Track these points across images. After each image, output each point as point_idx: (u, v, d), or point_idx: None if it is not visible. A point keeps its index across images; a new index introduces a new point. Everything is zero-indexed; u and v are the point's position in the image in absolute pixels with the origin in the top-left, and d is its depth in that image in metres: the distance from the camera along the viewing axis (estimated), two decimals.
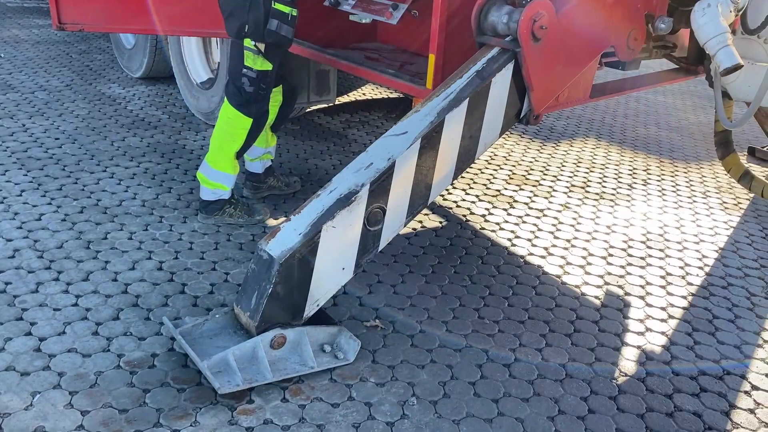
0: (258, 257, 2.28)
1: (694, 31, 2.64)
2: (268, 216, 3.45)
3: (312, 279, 2.28)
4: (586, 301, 3.01)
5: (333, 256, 2.31)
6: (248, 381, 2.18)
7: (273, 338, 2.23)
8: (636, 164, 4.93)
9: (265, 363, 2.21)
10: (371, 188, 2.32)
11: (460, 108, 2.50)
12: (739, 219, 4.10)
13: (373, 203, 2.34)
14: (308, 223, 2.25)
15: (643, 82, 3.58)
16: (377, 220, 2.38)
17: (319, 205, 2.31)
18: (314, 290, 2.30)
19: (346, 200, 2.28)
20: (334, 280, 2.38)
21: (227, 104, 3.09)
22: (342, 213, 2.26)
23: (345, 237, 2.32)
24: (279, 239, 2.25)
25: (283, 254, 2.19)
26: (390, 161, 2.36)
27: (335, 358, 2.37)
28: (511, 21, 2.56)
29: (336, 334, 2.41)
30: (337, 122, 5.24)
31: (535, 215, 3.86)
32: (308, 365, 2.29)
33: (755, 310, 3.08)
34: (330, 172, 4.22)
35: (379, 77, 3.26)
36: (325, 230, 2.23)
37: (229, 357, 2.18)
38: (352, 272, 2.41)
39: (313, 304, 2.33)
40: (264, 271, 2.22)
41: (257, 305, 2.22)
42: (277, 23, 2.86)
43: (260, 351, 2.22)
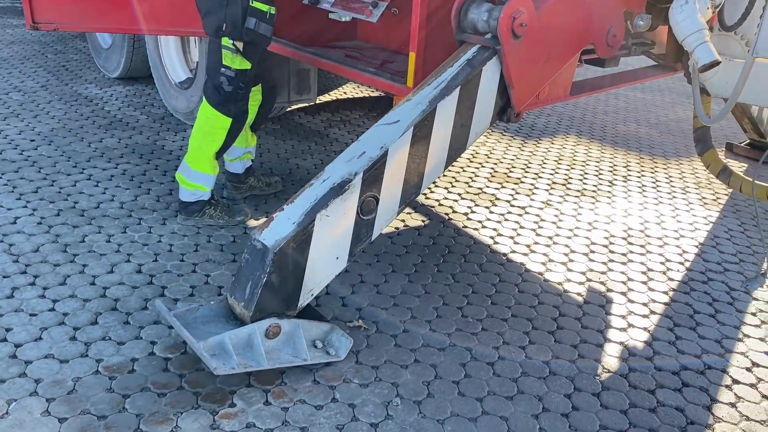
0: (251, 247, 2.26)
1: (672, 27, 2.65)
2: (249, 217, 3.42)
3: (306, 268, 2.27)
4: (568, 298, 3.02)
5: (327, 245, 2.30)
6: (243, 365, 2.15)
7: (269, 327, 2.22)
8: (616, 161, 4.96)
9: (261, 350, 2.19)
10: (364, 177, 2.32)
11: (451, 96, 2.49)
12: (718, 214, 4.14)
13: (366, 192, 2.34)
14: (302, 212, 2.24)
15: (623, 80, 3.60)
16: (370, 209, 2.38)
17: (312, 194, 2.30)
18: (308, 280, 2.30)
19: (340, 189, 2.27)
20: (328, 269, 2.38)
21: (206, 104, 3.05)
22: (335, 202, 2.26)
23: (339, 226, 2.32)
24: (272, 229, 2.24)
25: (277, 243, 2.18)
26: (382, 150, 2.36)
27: (327, 354, 2.35)
28: (491, 18, 2.56)
29: (328, 332, 2.40)
30: (318, 121, 5.21)
31: (517, 213, 3.87)
32: (301, 357, 2.27)
33: (735, 304, 3.10)
34: (311, 171, 4.20)
35: (359, 76, 3.23)
36: (318, 219, 2.23)
37: (226, 340, 2.16)
38: (346, 261, 2.41)
39: (308, 294, 2.32)
40: (258, 261, 2.20)
41: (251, 295, 2.20)
42: (256, 21, 2.82)
43: (256, 338, 2.20)
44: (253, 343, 2.21)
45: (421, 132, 2.46)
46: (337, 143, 4.76)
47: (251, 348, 2.20)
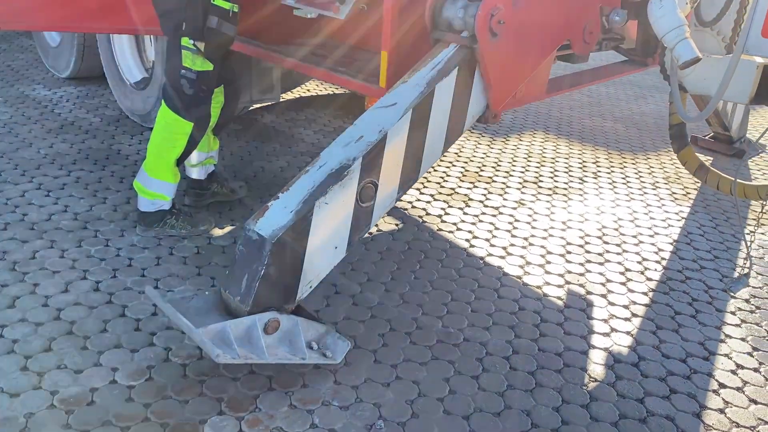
0: (246, 238, 2.13)
1: (651, 23, 2.58)
2: (213, 225, 3.24)
3: (305, 259, 2.16)
4: (549, 303, 2.93)
5: (326, 234, 2.19)
6: (245, 357, 2.02)
7: (268, 321, 2.09)
8: (585, 157, 4.92)
9: (261, 343, 2.07)
10: (363, 162, 2.21)
11: (449, 77, 2.40)
12: (689, 210, 4.13)
13: (365, 178, 2.24)
14: (299, 200, 2.13)
15: (598, 76, 3.54)
16: (369, 195, 2.28)
17: (309, 181, 2.18)
18: (307, 271, 2.19)
19: (338, 175, 2.16)
20: (327, 259, 2.26)
21: (165, 108, 2.86)
22: (334, 188, 2.15)
23: (337, 214, 2.21)
24: (268, 218, 2.12)
25: (274, 233, 2.06)
26: (381, 134, 2.26)
27: (323, 356, 2.23)
28: (468, 15, 2.44)
29: (323, 334, 2.28)
30: (282, 121, 5.04)
31: (491, 213, 3.77)
32: (299, 356, 2.15)
33: (714, 303, 3.07)
34: (278, 174, 4.03)
35: (328, 75, 3.08)
36: (317, 207, 2.12)
37: (228, 329, 2.03)
38: (345, 251, 2.30)
39: (306, 286, 2.21)
40: (254, 253, 2.08)
41: (248, 288, 2.08)
42: (218, 20, 2.65)
43: (256, 331, 2.08)
44: (252, 335, 2.08)
45: (420, 114, 2.36)
46: (303, 143, 4.60)
47: (250, 341, 2.08)
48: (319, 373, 2.32)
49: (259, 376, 2.27)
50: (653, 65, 3.86)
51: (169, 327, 2.49)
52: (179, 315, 2.04)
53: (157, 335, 2.43)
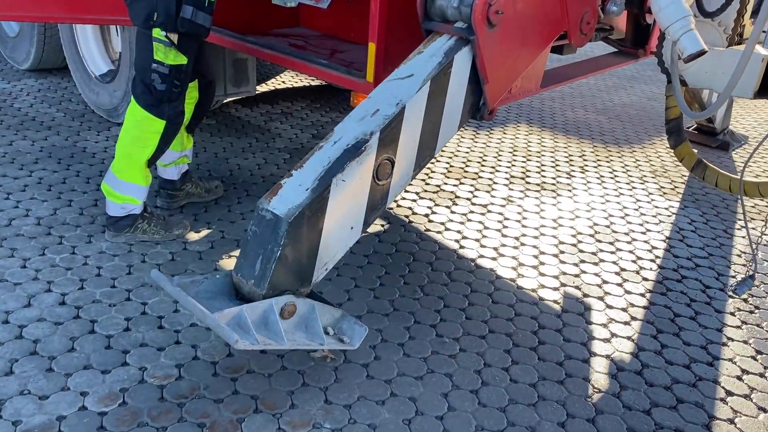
0: (259, 218, 2.00)
1: (654, 13, 2.44)
2: (188, 229, 3.04)
3: (321, 240, 2.05)
4: (545, 307, 2.80)
5: (342, 213, 2.08)
6: (264, 342, 1.89)
7: (284, 305, 1.98)
8: (571, 150, 4.81)
9: (279, 328, 1.94)
10: (381, 137, 2.09)
11: (467, 48, 2.26)
12: (678, 204, 4.04)
13: (383, 154, 2.12)
14: (315, 177, 2.01)
15: (592, 68, 3.41)
16: (386, 172, 2.17)
17: (324, 157, 2.06)
18: (323, 252, 2.08)
19: (355, 151, 2.05)
20: (343, 240, 2.15)
21: (135, 105, 2.65)
22: (351, 165, 2.04)
23: (354, 192, 2.09)
24: (283, 197, 1.99)
25: (290, 212, 1.94)
26: (399, 107, 2.13)
27: (340, 341, 2.10)
28: (463, 5, 2.27)
29: (339, 319, 2.14)
30: (257, 114, 4.82)
31: (479, 212, 3.63)
32: (317, 341, 2.03)
33: (713, 304, 2.97)
34: (254, 172, 3.83)
35: (310, 68, 2.89)
36: (334, 184, 2.00)
37: (244, 314, 1.90)
38: (360, 231, 2.19)
39: (322, 268, 2.10)
40: (269, 233, 1.96)
41: (263, 271, 1.96)
42: (192, 10, 2.45)
43: (272, 315, 1.96)
44: (268, 320, 1.96)
45: (438, 86, 2.23)
46: (280, 139, 4.40)
47: (266, 326, 1.96)
48: (307, 390, 2.16)
49: (245, 397, 2.10)
50: (644, 57, 3.76)
51: (144, 344, 2.30)
52: (191, 300, 1.91)
53: (131, 353, 2.24)
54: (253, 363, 2.26)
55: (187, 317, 2.46)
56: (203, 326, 2.39)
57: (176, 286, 1.98)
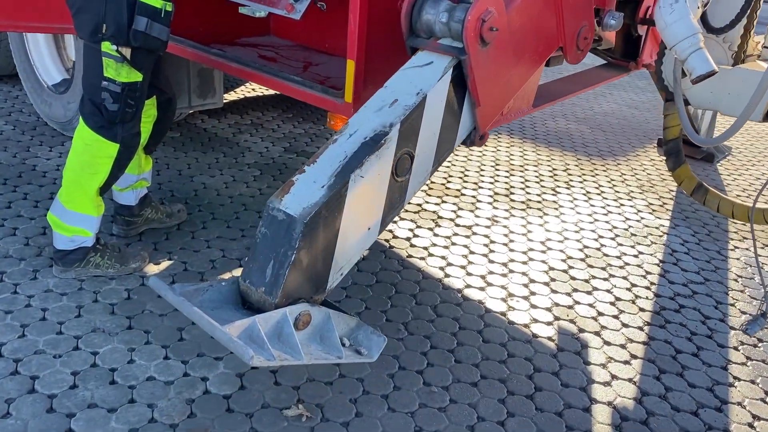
0: (270, 219, 1.81)
1: (659, 30, 2.24)
2: (147, 261, 2.75)
3: (337, 242, 1.87)
4: (540, 346, 2.59)
5: (359, 213, 1.90)
6: (280, 358, 1.69)
7: (299, 315, 1.78)
8: (554, 164, 4.62)
9: (294, 341, 1.74)
10: (401, 129, 1.92)
11: None
12: (669, 222, 3.87)
13: (402, 147, 1.95)
14: (331, 173, 1.82)
15: (584, 84, 3.20)
16: (405, 168, 1.99)
17: (339, 151, 1.88)
18: (339, 256, 1.89)
19: (374, 144, 1.87)
20: (360, 242, 1.97)
21: (84, 127, 2.36)
22: (371, 160, 1.86)
23: (372, 189, 1.92)
24: (296, 195, 1.81)
25: (305, 212, 1.75)
26: (419, 96, 1.96)
27: (358, 353, 1.90)
28: (453, 20, 2.03)
29: (354, 328, 1.94)
30: (224, 126, 4.53)
31: (463, 234, 3.40)
32: (334, 354, 1.83)
33: (714, 337, 2.79)
34: (221, 191, 3.54)
35: (282, 85, 2.62)
36: (352, 181, 1.82)
37: (257, 325, 1.70)
38: (378, 232, 2.02)
39: (337, 273, 1.92)
40: (282, 235, 1.78)
41: (275, 277, 1.76)
42: (147, 22, 2.17)
43: (287, 326, 1.76)
44: (282, 332, 1.77)
45: (461, 74, 2.05)
46: (249, 153, 4.12)
47: (280, 338, 1.77)
48: None
49: None
50: (635, 69, 3.57)
51: (92, 404, 2.01)
52: (197, 311, 1.70)
53: (77, 417, 1.96)
54: (217, 424, 2.00)
55: (142, 369, 2.18)
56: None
57: (180, 296, 1.76)
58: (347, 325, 1.92)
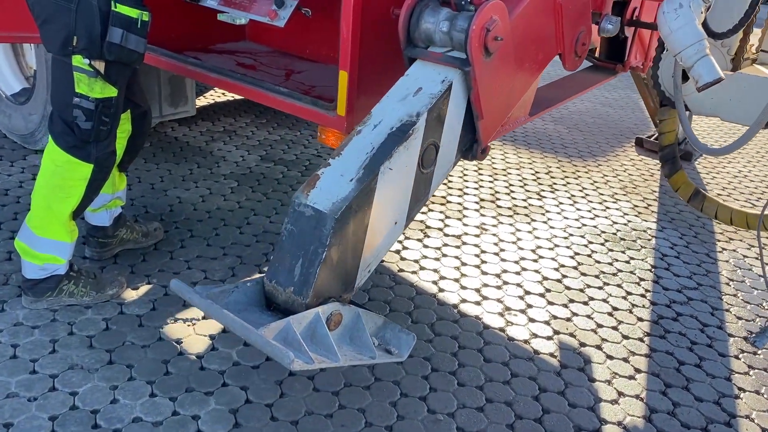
0: (297, 215, 1.74)
1: (663, 36, 2.16)
2: (124, 286, 2.57)
3: (366, 237, 1.81)
4: (542, 363, 2.50)
5: (387, 207, 1.84)
6: (318, 360, 1.62)
7: (331, 314, 1.72)
8: (536, 166, 4.55)
9: (330, 341, 1.67)
10: (428, 119, 1.85)
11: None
12: (655, 225, 3.84)
13: (429, 138, 1.89)
14: (359, 166, 1.77)
15: (577, 89, 3.12)
16: (431, 159, 1.94)
17: (365, 143, 1.82)
18: (367, 252, 1.83)
19: (402, 135, 1.81)
20: (387, 237, 1.91)
21: (54, 147, 2.18)
22: (399, 151, 1.80)
23: (400, 182, 1.86)
24: (323, 189, 1.75)
25: (336, 207, 1.70)
26: (445, 84, 1.90)
27: (388, 353, 1.83)
28: (455, 30, 1.92)
29: (381, 327, 1.87)
30: (197, 134, 4.34)
31: (453, 244, 3.30)
32: (367, 355, 1.76)
33: (714, 345, 2.74)
34: (198, 205, 3.37)
35: (267, 97, 2.47)
36: (381, 173, 1.77)
37: (292, 327, 1.63)
38: (404, 226, 1.97)
39: (365, 270, 1.87)
40: (310, 232, 1.72)
41: (305, 276, 1.69)
42: (122, 33, 1.99)
43: (320, 327, 1.69)
44: (316, 333, 1.70)
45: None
46: (224, 163, 3.94)
47: (313, 339, 1.70)
48: None
49: None
50: (622, 71, 3.51)
51: None
52: (228, 314, 1.62)
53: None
54: None
55: (127, 409, 2.02)
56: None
57: (206, 299, 1.69)
58: (375, 324, 1.85)
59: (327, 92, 2.58)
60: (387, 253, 1.95)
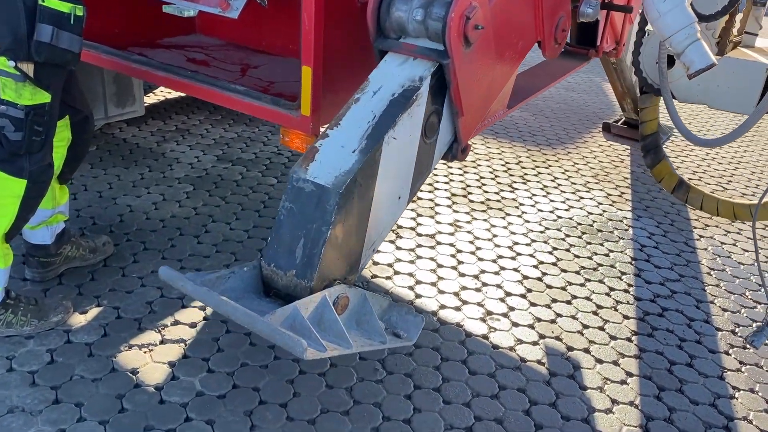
0: (296, 191, 1.61)
1: (650, 21, 2.01)
2: (71, 312, 2.32)
3: (371, 213, 1.69)
4: (530, 372, 2.35)
5: (391, 179, 1.72)
6: (330, 348, 1.49)
7: (338, 298, 1.62)
8: (506, 156, 4.41)
9: (340, 327, 1.54)
10: (432, 83, 1.73)
11: None
12: (631, 214, 3.74)
13: (432, 105, 1.77)
14: (361, 135, 1.65)
15: (552, 77, 2.96)
16: (434, 128, 1.82)
17: (365, 111, 1.69)
18: (372, 229, 1.72)
19: (405, 101, 1.68)
20: (391, 213, 1.79)
21: None
22: (403, 119, 1.68)
23: (404, 152, 1.74)
24: (324, 163, 1.62)
25: (339, 181, 1.57)
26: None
27: (396, 336, 1.73)
28: (431, 18, 1.73)
29: (387, 309, 1.76)
30: (146, 135, 4.06)
31: (427, 244, 3.13)
32: (377, 339, 1.65)
33: (703, 341, 2.64)
34: (151, 214, 3.12)
35: (222, 97, 2.24)
36: (386, 143, 1.65)
37: (300, 312, 1.50)
38: (407, 201, 1.85)
39: (370, 250, 1.76)
40: (312, 209, 1.60)
41: (309, 257, 1.57)
42: (52, 30, 1.75)
43: (328, 311, 1.56)
44: (323, 318, 1.58)
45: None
46: (178, 165, 3.68)
47: (320, 325, 1.57)
48: None
49: None
50: (595, 56, 3.37)
51: None
52: (230, 302, 1.48)
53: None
54: None
55: None
56: None
57: (201, 286, 1.53)
58: (380, 306, 1.74)
59: (288, 89, 2.37)
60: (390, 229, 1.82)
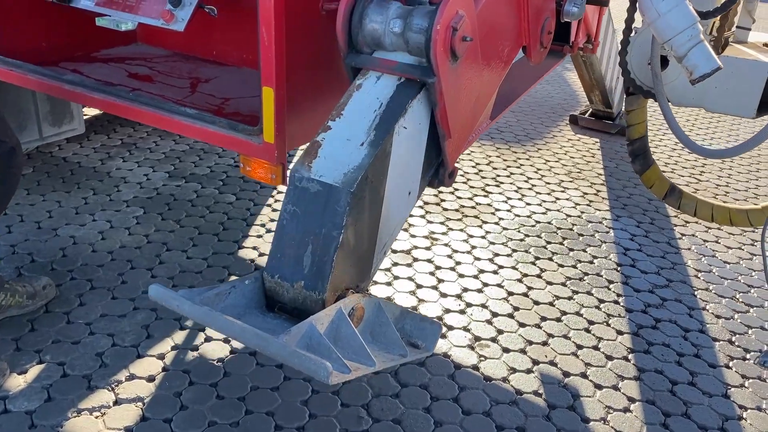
0: (300, 192, 1.45)
1: (649, 22, 1.82)
2: (8, 373, 2.03)
3: (382, 212, 1.54)
4: (528, 407, 2.16)
5: (399, 173, 1.55)
6: (354, 368, 1.33)
7: (352, 309, 1.47)
8: (475, 157, 4.22)
9: (359, 342, 1.39)
10: None
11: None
12: (610, 214, 3.59)
13: None
14: (368, 126, 1.48)
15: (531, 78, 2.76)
16: None
17: (370, 98, 1.51)
18: (383, 230, 1.57)
19: (412, 85, 1.51)
20: (402, 211, 1.64)
21: None
22: (413, 106, 1.51)
23: (414, 143, 1.58)
24: (329, 158, 1.44)
25: (349, 179, 1.41)
26: None
27: (414, 347, 1.58)
28: (411, 30, 1.50)
29: (400, 317, 1.61)
30: (89, 152, 3.72)
31: (403, 262, 2.91)
32: (397, 352, 1.51)
33: (702, 355, 2.50)
34: (98, 246, 2.81)
35: (171, 122, 1.95)
36: (396, 134, 1.49)
37: (316, 329, 1.35)
38: (416, 198, 1.71)
39: (381, 252, 1.62)
40: (319, 211, 1.43)
41: (318, 265, 1.41)
42: None
43: (345, 326, 1.41)
44: (340, 333, 1.42)
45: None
46: (126, 185, 3.37)
47: (337, 342, 1.41)
48: None
49: None
50: (570, 53, 3.19)
51: None
52: (237, 323, 1.31)
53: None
54: None
55: None
56: None
57: (201, 306, 1.35)
58: (393, 315, 1.59)
59: (246, 106, 2.10)
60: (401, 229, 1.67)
